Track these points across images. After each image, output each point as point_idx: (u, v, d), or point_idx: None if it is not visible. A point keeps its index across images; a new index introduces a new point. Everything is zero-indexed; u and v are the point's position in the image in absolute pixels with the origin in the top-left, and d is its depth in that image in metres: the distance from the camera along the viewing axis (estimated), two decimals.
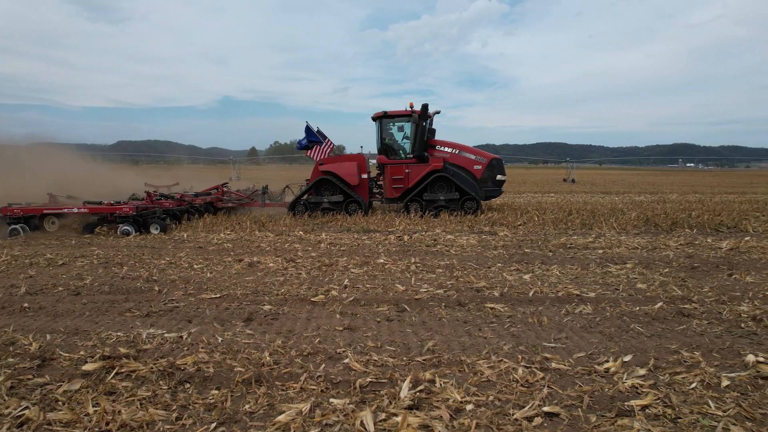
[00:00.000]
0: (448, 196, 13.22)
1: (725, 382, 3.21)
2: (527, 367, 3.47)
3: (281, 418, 2.81)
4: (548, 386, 3.18)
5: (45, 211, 10.70)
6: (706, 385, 3.21)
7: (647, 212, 12.88)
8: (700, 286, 5.65)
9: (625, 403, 2.93)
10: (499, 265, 6.86)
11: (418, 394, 3.06)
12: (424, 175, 13.26)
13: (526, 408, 2.88)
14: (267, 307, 4.97)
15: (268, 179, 19.21)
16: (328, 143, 14.17)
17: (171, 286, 5.83)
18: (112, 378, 3.34)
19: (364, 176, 13.53)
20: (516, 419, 2.78)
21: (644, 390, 3.11)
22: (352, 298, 5.26)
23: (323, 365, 3.54)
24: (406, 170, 13.46)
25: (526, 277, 6.15)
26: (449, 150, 13.82)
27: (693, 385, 3.19)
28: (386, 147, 14.03)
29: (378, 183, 14.36)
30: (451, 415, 2.83)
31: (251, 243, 8.87)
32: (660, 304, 4.94)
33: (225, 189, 15.39)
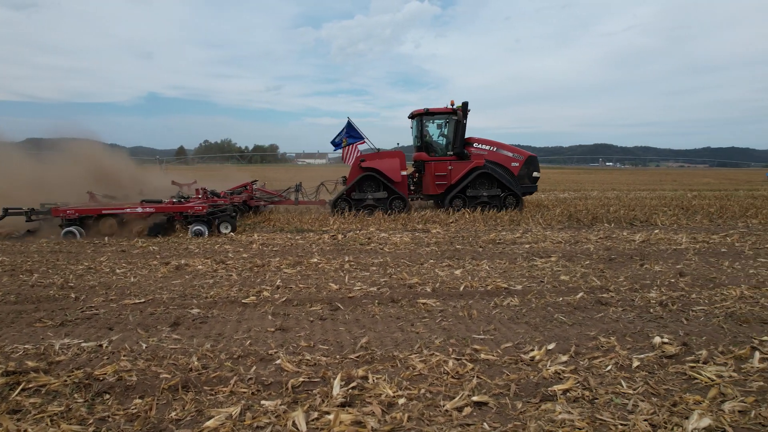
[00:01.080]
0: (490, 192, 13.53)
1: (635, 363, 3.46)
2: (458, 359, 3.57)
3: (210, 423, 2.71)
4: (477, 376, 3.28)
5: (104, 212, 9.87)
6: (619, 367, 3.43)
7: (570, 209, 13.61)
8: (616, 276, 6.04)
9: (549, 389, 3.08)
10: (432, 261, 7.00)
11: (350, 391, 3.06)
12: (467, 171, 13.43)
13: (456, 399, 2.96)
14: (195, 311, 4.79)
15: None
16: (359, 144, 13.96)
17: (90, 293, 5.48)
18: (17, 395, 3.08)
19: (404, 173, 13.49)
20: (446, 410, 2.85)
21: (566, 375, 3.28)
22: (284, 299, 5.18)
23: (254, 367, 3.46)
24: (449, 167, 13.56)
25: (458, 272, 6.31)
26: (487, 147, 14.09)
27: (608, 367, 3.41)
28: (427, 144, 14.11)
29: (413, 180, 14.28)
30: (383, 410, 2.85)
31: (179, 245, 8.51)
32: (581, 294, 5.24)
33: (255, 187, 14.86)
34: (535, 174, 14.31)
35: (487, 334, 4.14)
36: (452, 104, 13.67)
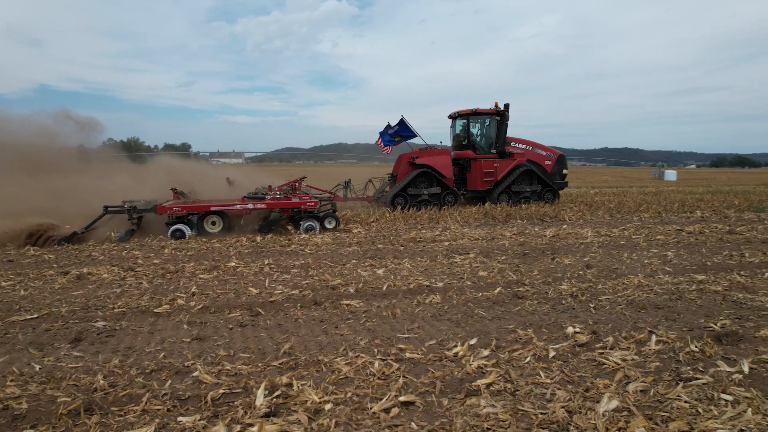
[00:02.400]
0: (531, 188, 14.82)
1: (552, 353, 3.63)
2: (383, 360, 3.56)
3: None
4: (403, 376, 3.29)
5: (212, 208, 9.44)
6: (537, 357, 3.59)
7: (486, 206, 14.14)
8: (531, 270, 6.34)
9: (473, 384, 3.15)
10: (354, 261, 6.97)
11: (274, 400, 2.94)
12: (511, 169, 14.59)
13: (383, 400, 2.94)
14: (100, 324, 4.40)
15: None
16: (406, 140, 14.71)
17: None
18: None
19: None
20: (374, 412, 2.82)
21: (488, 369, 3.38)
22: (201, 306, 4.91)
23: (169, 381, 3.23)
24: (495, 164, 14.59)
25: (380, 271, 6.33)
26: (524, 147, 15.37)
27: (527, 359, 3.55)
28: (473, 143, 14.96)
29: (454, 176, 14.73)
30: (309, 417, 2.77)
31: (80, 252, 7.82)
32: (499, 289, 5.44)
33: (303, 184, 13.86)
34: (564, 171, 15.89)
35: (412, 332, 4.17)
36: (496, 105, 14.67)
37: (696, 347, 3.75)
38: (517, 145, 15.33)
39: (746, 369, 3.38)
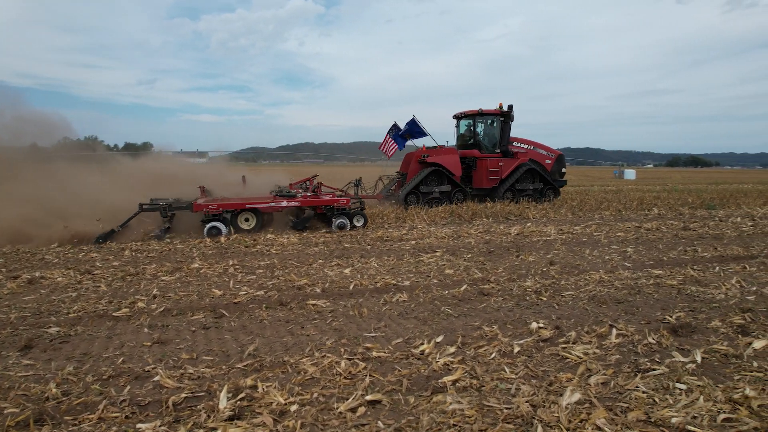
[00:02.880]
0: (534, 186, 15.55)
1: (516, 349, 3.69)
2: (350, 359, 3.54)
3: None
4: (370, 375, 3.28)
5: (247, 206, 9.48)
6: (502, 353, 3.63)
7: (451, 205, 14.27)
8: (496, 268, 6.43)
9: (439, 381, 3.16)
10: (320, 261, 6.91)
11: (239, 403, 2.88)
12: (515, 167, 15.24)
13: (350, 400, 2.92)
14: (54, 330, 4.22)
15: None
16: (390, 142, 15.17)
17: None
18: None
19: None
20: (340, 412, 2.80)
21: (454, 366, 3.40)
22: (162, 309, 4.77)
23: (128, 387, 3.12)
24: (500, 163, 15.15)
25: (347, 271, 6.30)
26: (525, 146, 16.08)
27: (492, 355, 3.59)
28: (479, 142, 15.55)
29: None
30: (275, 419, 2.72)
31: (32, 255, 7.49)
32: (465, 286, 5.49)
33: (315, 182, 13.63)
34: (563, 170, 16.57)
35: (378, 331, 4.16)
36: (501, 106, 15.24)
37: (653, 339, 3.87)
38: (519, 144, 16.07)
39: (699, 359, 3.51)
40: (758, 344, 3.79)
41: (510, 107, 15.21)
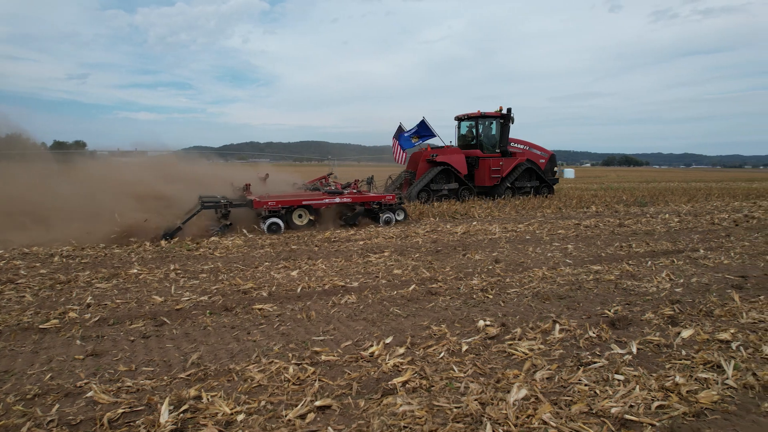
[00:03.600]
0: (531, 184, 17.22)
1: (464, 347, 3.73)
2: (298, 364, 3.46)
3: None
4: (319, 380, 3.22)
5: (303, 203, 9.92)
6: (451, 352, 3.67)
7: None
8: (443, 267, 6.51)
9: (389, 383, 3.14)
10: (267, 264, 6.76)
11: (181, 415, 2.75)
12: (514, 166, 16.64)
13: (299, 406, 2.85)
14: None
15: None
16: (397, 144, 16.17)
17: None
18: None
19: None
20: (289, 420, 2.72)
21: (404, 367, 3.39)
22: (97, 318, 4.50)
23: (57, 406, 2.90)
24: (501, 163, 16.43)
25: (294, 273, 6.19)
26: (522, 147, 17.47)
27: (441, 354, 3.62)
28: (481, 143, 16.74)
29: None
30: (220, 430, 2.62)
31: None
32: (413, 286, 5.51)
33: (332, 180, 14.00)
34: (555, 169, 18.32)
35: (327, 334, 4.10)
36: (501, 109, 16.53)
37: (593, 333, 4.03)
38: (516, 145, 17.40)
39: (634, 350, 3.68)
40: (686, 333, 4.03)
41: (509, 110, 16.48)
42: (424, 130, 15.71)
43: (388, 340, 3.90)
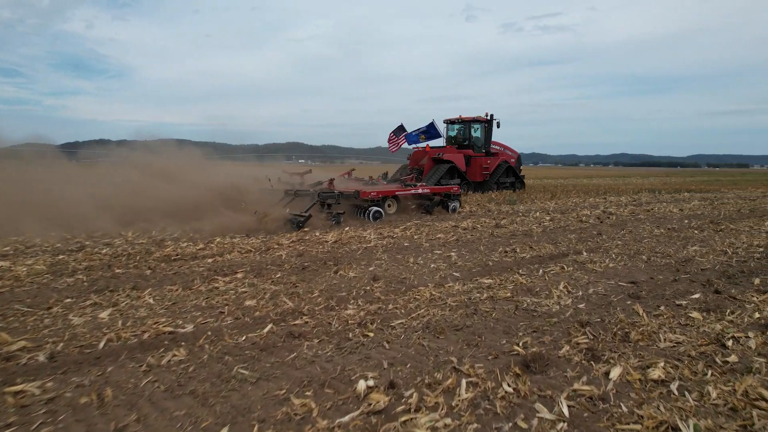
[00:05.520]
0: (509, 180, 20.17)
1: None
2: None
3: None
4: None
5: (396, 193, 11.50)
6: None
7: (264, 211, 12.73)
8: (311, 291, 5.20)
9: None
10: (69, 301, 4.87)
11: None
12: (498, 165, 19.34)
13: None
14: None
15: None
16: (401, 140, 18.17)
17: None
18: None
19: None
20: None
21: None
22: None
23: None
24: (488, 161, 19.01)
25: (104, 314, 4.44)
26: (498, 148, 20.18)
27: None
28: (472, 144, 19.24)
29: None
30: None
31: None
32: (270, 326, 4.13)
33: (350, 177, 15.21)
34: (521, 167, 21.52)
35: None
36: (487, 114, 19.06)
37: (510, 387, 3.03)
38: (494, 147, 19.93)
39: (566, 410, 2.75)
40: (614, 373, 3.23)
41: (491, 116, 19.06)
42: (432, 130, 17.44)
43: None
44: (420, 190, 11.85)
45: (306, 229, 9.29)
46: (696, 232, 9.48)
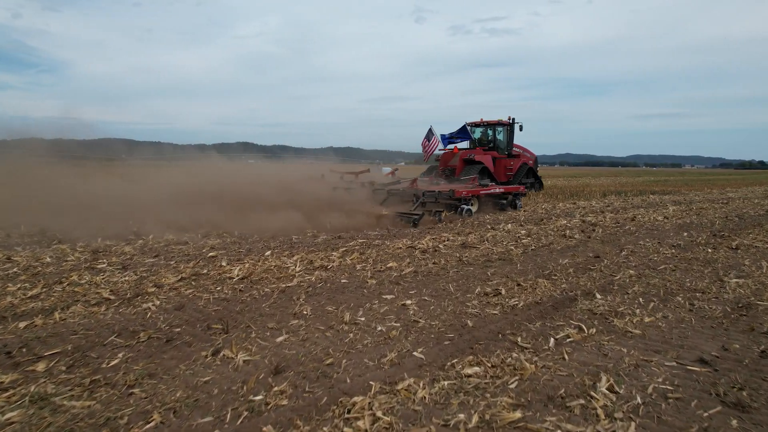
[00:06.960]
0: (529, 180, 20.75)
1: None
2: None
3: None
4: None
5: (481, 192, 12.30)
6: None
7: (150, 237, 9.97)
8: (161, 405, 2.71)
9: None
10: None
11: None
12: (520, 166, 19.96)
13: None
14: None
15: None
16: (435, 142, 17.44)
17: None
18: None
19: None
20: None
21: None
22: None
23: None
24: (512, 163, 19.75)
25: None
26: (518, 150, 20.50)
27: None
28: (498, 146, 19.84)
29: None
30: None
31: None
32: None
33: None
34: (537, 168, 21.98)
35: None
36: (509, 118, 19.44)
37: None
38: (515, 149, 20.27)
39: None
40: None
41: (513, 119, 19.49)
42: (463, 134, 17.43)
43: None
44: (497, 190, 12.88)
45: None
46: (710, 251, 7.57)
